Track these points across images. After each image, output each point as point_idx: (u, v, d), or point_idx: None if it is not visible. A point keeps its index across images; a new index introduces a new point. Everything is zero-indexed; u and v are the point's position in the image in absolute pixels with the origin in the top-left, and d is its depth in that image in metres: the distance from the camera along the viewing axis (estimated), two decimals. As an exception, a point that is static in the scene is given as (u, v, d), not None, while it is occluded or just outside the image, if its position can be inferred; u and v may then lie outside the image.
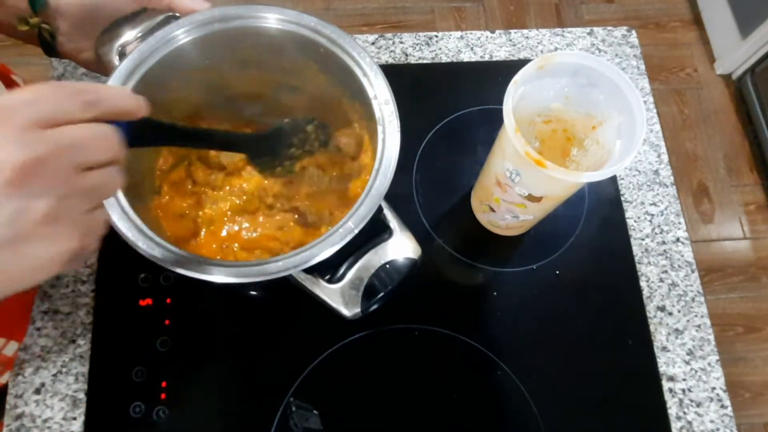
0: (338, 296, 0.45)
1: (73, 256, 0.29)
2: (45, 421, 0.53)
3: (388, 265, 0.46)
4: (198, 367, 0.56)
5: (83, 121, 0.28)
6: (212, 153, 0.55)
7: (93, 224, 0.30)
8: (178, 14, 0.50)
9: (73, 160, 0.28)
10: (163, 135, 0.40)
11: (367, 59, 0.48)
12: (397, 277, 0.46)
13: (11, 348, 0.55)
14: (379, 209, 0.45)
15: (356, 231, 0.42)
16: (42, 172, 0.26)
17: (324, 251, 0.41)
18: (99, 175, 0.29)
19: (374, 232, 0.47)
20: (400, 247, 0.47)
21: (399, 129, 0.46)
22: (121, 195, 0.42)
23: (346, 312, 0.45)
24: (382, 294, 0.45)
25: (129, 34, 0.50)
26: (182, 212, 0.52)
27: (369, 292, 0.45)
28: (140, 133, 0.33)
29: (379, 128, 0.46)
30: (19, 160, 0.25)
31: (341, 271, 0.45)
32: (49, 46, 0.51)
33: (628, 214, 0.64)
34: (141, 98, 0.32)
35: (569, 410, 0.56)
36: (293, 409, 0.54)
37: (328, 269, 0.45)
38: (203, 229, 0.53)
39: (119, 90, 0.31)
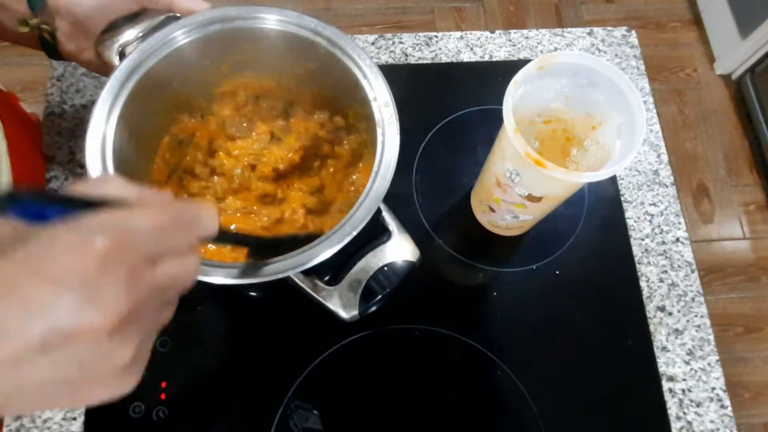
0: (336, 298, 0.45)
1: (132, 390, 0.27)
2: (45, 421, 0.53)
3: (386, 268, 0.46)
4: (198, 367, 0.56)
5: (184, 250, 0.27)
6: (198, 165, 0.55)
7: (148, 354, 0.27)
8: (178, 15, 0.50)
9: (163, 302, 0.27)
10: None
11: (367, 61, 0.48)
12: (395, 280, 0.46)
13: None
14: (378, 211, 0.45)
15: (354, 233, 0.42)
16: (138, 319, 0.24)
17: (322, 253, 0.41)
18: (169, 310, 0.28)
19: (373, 234, 0.47)
20: (399, 249, 0.47)
21: (398, 131, 0.46)
22: None
23: (344, 314, 0.45)
24: (380, 296, 0.45)
25: (129, 35, 0.50)
26: None
27: (367, 295, 0.45)
28: None
29: (379, 130, 0.46)
30: (123, 307, 0.23)
31: (340, 273, 0.45)
32: (51, 48, 0.51)
33: (628, 214, 0.64)
34: (218, 214, 0.30)
35: (569, 410, 0.56)
36: (293, 409, 0.54)
37: (326, 271, 0.45)
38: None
39: (212, 213, 0.29)
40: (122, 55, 0.50)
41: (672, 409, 0.57)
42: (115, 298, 0.23)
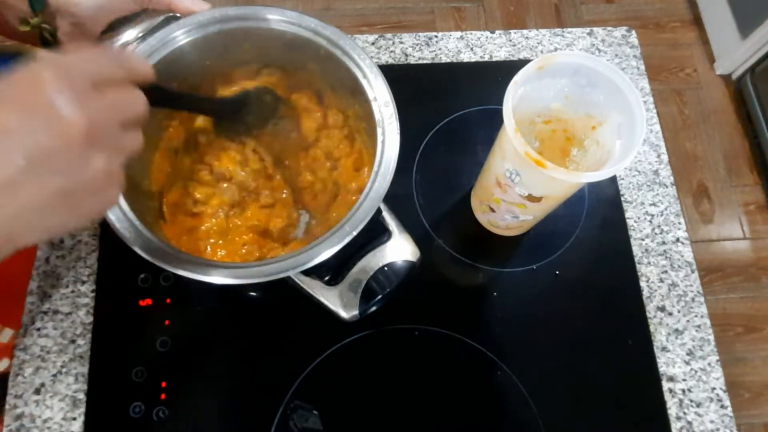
0: (336, 298, 0.45)
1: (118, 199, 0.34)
2: (45, 421, 0.53)
3: (386, 268, 0.46)
4: (198, 368, 0.56)
5: (123, 82, 0.33)
6: (203, 173, 0.55)
7: (122, 175, 0.33)
8: (178, 15, 0.50)
9: (119, 120, 0.31)
10: (159, 97, 0.41)
11: (366, 61, 0.48)
12: (395, 280, 0.46)
13: (6, 335, 0.55)
14: (378, 211, 0.45)
15: (355, 233, 0.42)
16: (99, 131, 0.30)
17: (323, 253, 0.41)
18: (134, 133, 0.33)
19: (373, 234, 0.47)
20: (399, 249, 0.47)
21: (398, 131, 0.46)
22: (121, 197, 0.43)
23: (344, 314, 0.45)
24: (380, 296, 0.45)
25: (129, 35, 0.50)
26: (191, 229, 0.52)
27: (367, 295, 0.45)
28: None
29: (379, 130, 0.46)
30: (84, 120, 0.28)
31: (340, 272, 0.45)
32: (50, 46, 0.51)
33: (628, 215, 0.64)
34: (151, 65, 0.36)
35: (569, 410, 0.56)
36: (293, 409, 0.54)
37: (326, 271, 0.45)
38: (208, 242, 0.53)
39: (140, 56, 0.39)
40: (122, 56, 0.50)
41: (672, 409, 0.57)
42: (73, 110, 0.28)
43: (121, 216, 0.42)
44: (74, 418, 0.53)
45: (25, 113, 0.28)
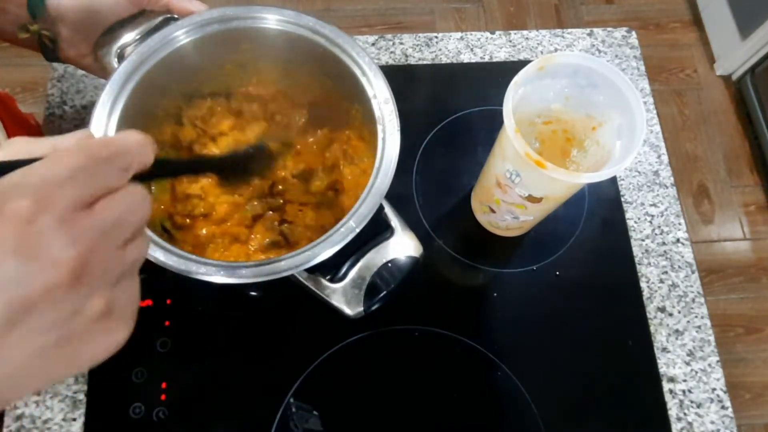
0: (340, 296, 0.45)
1: (127, 337, 0.27)
2: (45, 422, 0.53)
3: (390, 264, 0.46)
4: (198, 368, 0.56)
5: (118, 183, 0.25)
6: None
7: (137, 296, 0.27)
8: (176, 16, 0.50)
9: (118, 240, 0.25)
10: (159, 172, 0.33)
11: (366, 59, 0.48)
12: (399, 276, 0.46)
13: None
14: (380, 208, 0.45)
15: (357, 230, 0.42)
16: (93, 265, 0.23)
17: (325, 251, 0.41)
18: (137, 246, 0.26)
19: (376, 231, 0.47)
20: (402, 245, 0.47)
21: (399, 128, 0.46)
22: None
23: (349, 311, 0.45)
24: (384, 293, 0.45)
25: (127, 37, 0.50)
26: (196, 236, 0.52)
27: (371, 291, 0.45)
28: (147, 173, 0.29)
29: (379, 127, 0.46)
30: (71, 258, 0.22)
31: (343, 270, 0.45)
32: (50, 52, 0.51)
33: (628, 215, 0.64)
34: (150, 140, 0.28)
35: (569, 411, 0.56)
36: (293, 410, 0.54)
37: (330, 269, 0.45)
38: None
39: (138, 140, 0.27)
40: (121, 58, 0.50)
41: (672, 410, 0.57)
42: (56, 252, 0.22)
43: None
44: (74, 419, 0.53)
45: None
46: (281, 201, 0.54)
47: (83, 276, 0.23)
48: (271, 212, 0.54)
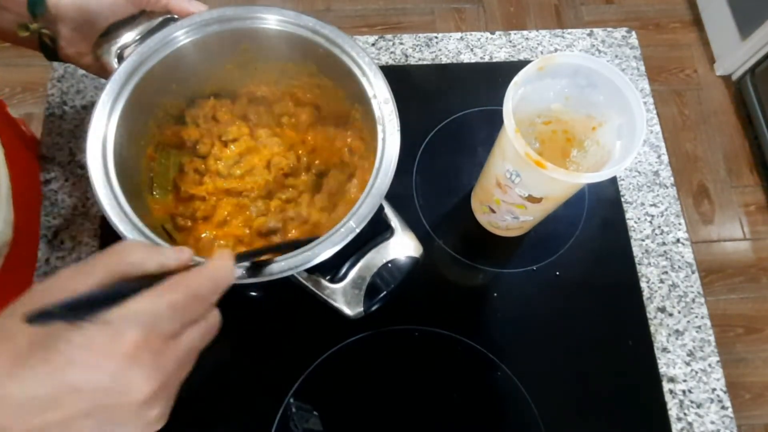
0: (341, 296, 0.45)
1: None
2: (45, 422, 0.53)
3: (390, 264, 0.46)
4: (198, 368, 0.55)
5: (207, 310, 0.32)
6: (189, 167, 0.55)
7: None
8: (176, 16, 0.50)
9: (188, 362, 0.31)
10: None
11: (366, 59, 0.48)
12: (399, 276, 0.46)
13: None
14: (380, 208, 0.45)
15: (358, 230, 0.42)
16: (167, 388, 0.30)
17: (326, 251, 0.41)
18: (197, 352, 0.32)
19: (375, 231, 0.47)
20: (402, 245, 0.47)
21: (399, 128, 0.46)
22: (120, 193, 0.43)
23: (349, 311, 0.45)
24: (384, 293, 0.45)
25: (127, 37, 0.50)
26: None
27: (371, 291, 0.45)
28: None
29: (379, 127, 0.46)
30: (151, 387, 0.28)
31: (343, 270, 0.45)
32: (50, 51, 0.51)
33: (628, 215, 0.64)
34: (234, 263, 0.34)
35: (569, 411, 0.56)
36: (293, 410, 0.54)
37: (330, 269, 0.45)
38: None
39: (231, 269, 0.34)
40: (121, 58, 0.50)
41: (672, 410, 0.57)
42: (144, 381, 0.28)
43: (121, 216, 0.42)
44: (74, 419, 0.53)
45: (95, 374, 0.27)
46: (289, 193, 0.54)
47: (157, 396, 0.29)
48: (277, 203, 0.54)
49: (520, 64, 0.48)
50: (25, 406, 0.27)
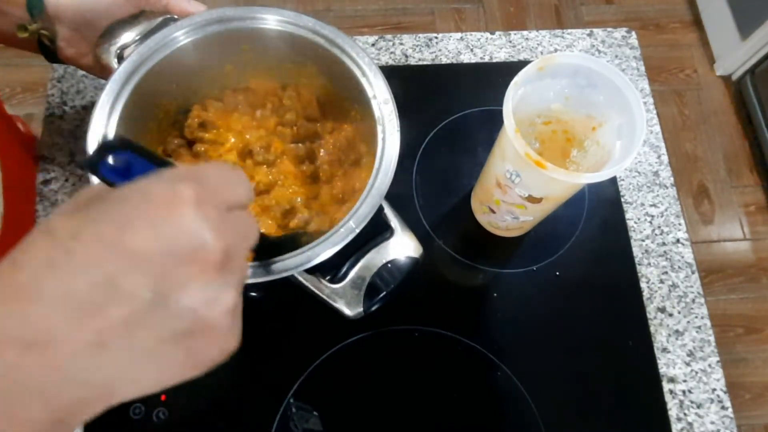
0: (340, 296, 0.45)
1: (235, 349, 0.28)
2: (45, 422, 0.53)
3: (389, 264, 0.46)
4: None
5: (246, 207, 0.29)
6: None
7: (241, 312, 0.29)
8: (175, 17, 0.50)
9: (245, 248, 0.27)
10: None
11: (365, 59, 0.48)
12: (398, 276, 0.46)
13: None
14: (380, 208, 0.45)
15: (357, 230, 0.42)
16: (234, 260, 0.25)
17: (325, 251, 0.41)
18: (245, 265, 0.28)
19: (375, 231, 0.47)
20: (402, 245, 0.47)
21: (399, 128, 0.46)
22: None
23: (349, 312, 0.45)
24: (384, 293, 0.45)
25: (127, 37, 0.50)
26: None
27: (371, 292, 0.45)
28: None
29: (379, 128, 0.46)
30: (223, 246, 0.24)
31: (343, 270, 0.45)
32: (50, 52, 0.51)
33: (628, 215, 0.64)
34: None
35: (569, 411, 0.56)
36: (293, 410, 0.54)
37: (329, 269, 0.45)
38: None
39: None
40: (121, 58, 0.50)
41: (672, 410, 0.57)
42: (212, 235, 0.23)
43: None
44: (74, 420, 0.53)
45: (159, 235, 0.22)
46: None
47: (228, 265, 0.24)
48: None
49: (520, 65, 0.48)
50: (73, 302, 0.21)
